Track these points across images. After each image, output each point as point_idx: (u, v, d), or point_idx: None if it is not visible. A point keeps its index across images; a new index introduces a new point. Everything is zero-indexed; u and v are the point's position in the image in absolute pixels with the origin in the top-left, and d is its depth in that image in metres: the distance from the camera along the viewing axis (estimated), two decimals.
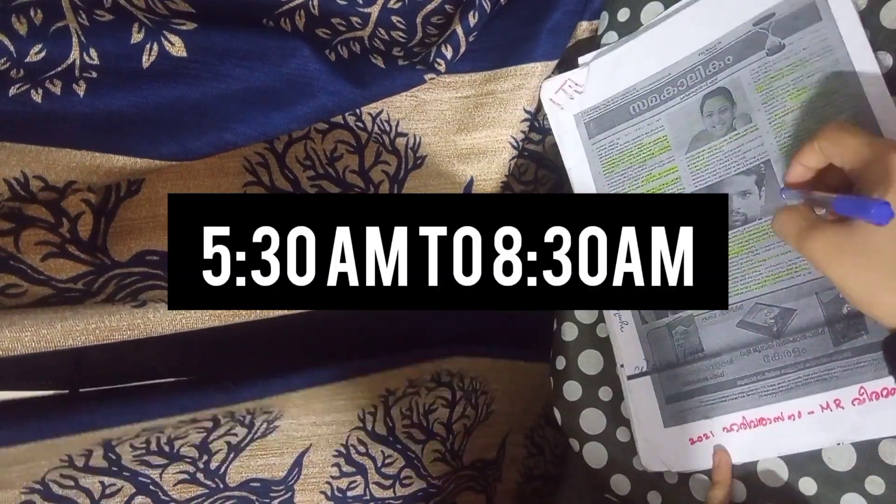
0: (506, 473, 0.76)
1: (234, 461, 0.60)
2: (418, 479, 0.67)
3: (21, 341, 0.45)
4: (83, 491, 0.55)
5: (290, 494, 0.62)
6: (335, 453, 0.63)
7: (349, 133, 0.63)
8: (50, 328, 0.46)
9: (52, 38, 0.49)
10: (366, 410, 0.65)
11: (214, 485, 0.59)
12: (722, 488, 0.53)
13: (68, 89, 0.49)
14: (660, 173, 0.57)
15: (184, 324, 0.50)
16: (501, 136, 0.65)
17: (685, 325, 0.56)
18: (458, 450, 0.70)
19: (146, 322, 0.49)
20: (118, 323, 0.48)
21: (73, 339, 0.47)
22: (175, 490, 0.58)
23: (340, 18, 0.60)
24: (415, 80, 0.60)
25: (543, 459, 0.81)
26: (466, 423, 0.71)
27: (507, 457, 0.75)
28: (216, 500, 0.59)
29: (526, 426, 0.78)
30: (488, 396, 0.73)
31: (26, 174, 0.48)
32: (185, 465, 0.58)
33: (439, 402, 0.69)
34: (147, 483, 0.57)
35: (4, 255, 0.49)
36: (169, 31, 0.52)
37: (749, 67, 0.52)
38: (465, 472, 0.72)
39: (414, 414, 0.67)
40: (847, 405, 0.49)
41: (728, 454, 0.54)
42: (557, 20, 0.62)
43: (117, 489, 0.56)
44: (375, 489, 0.65)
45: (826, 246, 0.42)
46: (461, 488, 0.72)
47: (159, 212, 0.56)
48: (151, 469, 0.57)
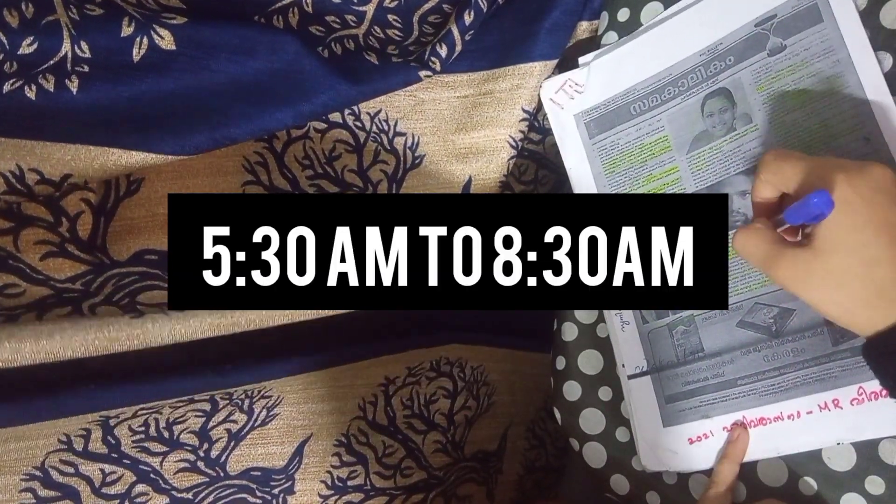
0: (507, 465, 0.76)
1: (235, 449, 0.60)
2: (419, 470, 0.67)
3: (21, 352, 0.45)
4: (83, 478, 0.55)
5: (291, 483, 0.62)
6: (336, 443, 0.63)
7: (348, 132, 0.63)
8: (49, 340, 0.46)
9: (43, 31, 0.49)
10: (366, 400, 0.64)
11: (215, 473, 0.59)
12: (731, 464, 0.53)
13: (61, 84, 0.50)
14: (661, 173, 0.57)
15: (183, 334, 0.50)
16: (500, 136, 0.65)
17: (685, 325, 0.56)
18: (459, 441, 0.70)
19: (145, 332, 0.49)
20: (117, 334, 0.48)
21: (72, 351, 0.47)
22: (175, 478, 0.58)
23: (335, 16, 0.60)
24: (411, 77, 0.60)
25: (545, 452, 0.81)
26: (468, 415, 0.71)
27: (508, 449, 0.75)
28: (216, 488, 0.59)
29: (527, 418, 0.78)
30: (490, 388, 0.73)
31: (21, 167, 0.48)
32: (185, 452, 0.58)
33: (440, 393, 0.69)
34: (148, 471, 0.57)
35: (3, 254, 0.49)
36: (158, 25, 0.52)
37: (750, 68, 0.53)
38: (466, 464, 0.72)
39: (415, 404, 0.67)
40: (845, 405, 0.49)
41: (748, 433, 0.53)
42: (556, 19, 0.62)
43: (118, 477, 0.56)
44: (376, 479, 0.65)
45: (794, 272, 0.42)
46: (462, 480, 0.72)
47: (159, 211, 0.56)
48: (152, 457, 0.57)
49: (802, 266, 0.42)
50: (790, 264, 0.42)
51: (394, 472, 0.66)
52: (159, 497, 0.57)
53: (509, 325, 0.75)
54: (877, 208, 0.40)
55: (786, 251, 0.43)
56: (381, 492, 0.65)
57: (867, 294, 0.41)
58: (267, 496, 0.61)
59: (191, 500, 0.59)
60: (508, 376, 0.74)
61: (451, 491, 0.70)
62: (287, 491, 0.62)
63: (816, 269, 0.41)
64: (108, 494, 0.56)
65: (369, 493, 0.65)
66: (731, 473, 0.53)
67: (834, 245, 0.41)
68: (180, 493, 0.58)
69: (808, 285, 0.42)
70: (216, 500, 0.59)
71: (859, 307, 0.41)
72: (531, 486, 0.80)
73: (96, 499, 0.56)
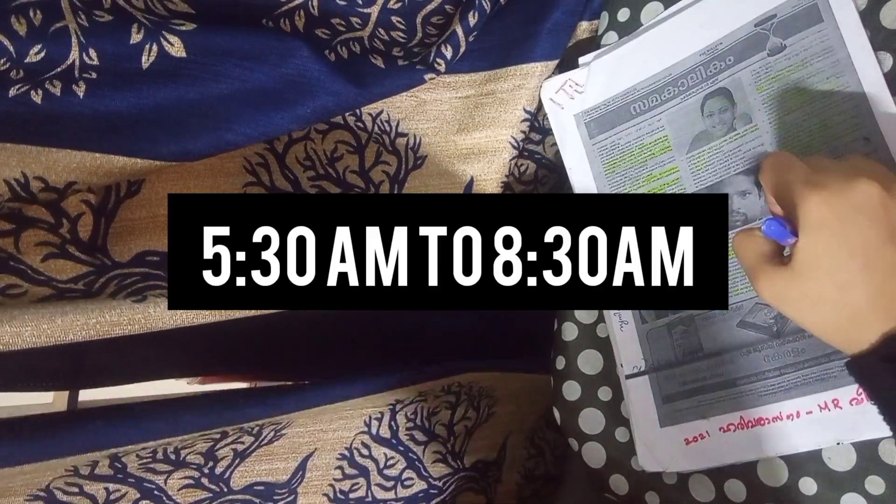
0: (506, 474, 0.76)
1: (239, 466, 0.60)
2: (419, 481, 0.67)
3: (21, 336, 0.45)
4: (87, 496, 0.55)
5: (294, 497, 0.62)
6: (339, 456, 0.63)
7: (349, 133, 0.63)
8: (50, 323, 0.45)
9: (52, 38, 0.49)
10: (372, 416, 0.65)
11: (218, 489, 0.59)
12: None
13: (68, 90, 0.49)
14: (661, 173, 0.57)
15: (184, 319, 0.50)
16: (501, 136, 0.65)
17: (685, 325, 0.56)
18: (459, 451, 0.70)
19: (147, 317, 0.49)
20: (118, 318, 0.48)
21: (73, 334, 0.46)
22: (179, 494, 0.58)
23: (340, 19, 0.60)
24: (415, 80, 0.60)
25: (544, 460, 0.81)
26: (468, 425, 0.71)
27: (507, 458, 0.75)
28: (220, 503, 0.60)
29: (526, 428, 0.78)
30: (491, 399, 0.73)
31: (27, 175, 0.48)
32: (190, 470, 0.58)
33: (442, 405, 0.69)
34: (152, 488, 0.57)
35: (5, 255, 0.49)
36: (168, 32, 0.51)
37: (750, 68, 0.52)
38: (465, 473, 0.72)
39: (418, 417, 0.67)
40: (845, 405, 0.49)
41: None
42: (557, 20, 0.62)
43: (122, 494, 0.56)
44: (377, 490, 0.65)
45: (773, 290, 0.43)
46: (462, 489, 0.72)
47: (159, 212, 0.56)
48: (157, 475, 0.57)
49: (781, 284, 0.42)
50: (770, 282, 0.43)
51: (395, 483, 0.66)
52: None
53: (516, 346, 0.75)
54: (853, 229, 0.39)
55: (768, 267, 0.43)
56: (382, 503, 0.66)
57: (841, 318, 0.41)
58: None
59: None
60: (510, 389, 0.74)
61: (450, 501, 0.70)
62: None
63: (793, 289, 0.42)
64: None
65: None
66: None
67: (809, 267, 0.41)
68: None
69: (785, 304, 0.43)
70: None
71: (834, 330, 0.42)
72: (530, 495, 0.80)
73: None
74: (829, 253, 0.40)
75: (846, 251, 0.40)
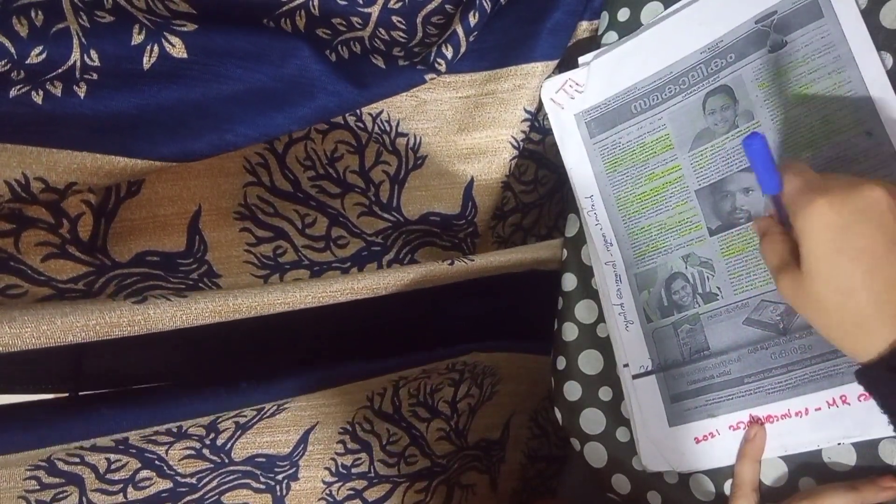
0: (510, 454, 0.76)
1: (241, 438, 0.60)
2: (423, 458, 0.68)
3: (21, 337, 0.44)
4: (88, 466, 0.55)
5: (295, 470, 0.62)
6: (341, 430, 0.63)
7: (349, 133, 0.63)
8: (50, 324, 0.45)
9: (53, 39, 0.49)
10: (375, 391, 0.65)
11: (219, 460, 0.59)
12: (751, 463, 0.52)
13: (69, 91, 0.49)
14: (662, 172, 0.57)
15: (184, 320, 0.50)
16: (502, 136, 0.65)
17: (691, 324, 0.56)
18: (462, 429, 0.71)
19: (146, 318, 0.48)
20: (118, 319, 0.47)
21: (73, 335, 0.46)
22: (180, 465, 0.58)
23: (341, 18, 0.60)
24: (415, 80, 0.60)
25: (547, 441, 0.81)
26: (471, 403, 0.71)
27: (511, 437, 0.76)
28: (220, 474, 0.60)
29: (530, 408, 0.78)
30: (494, 378, 0.73)
31: (27, 175, 0.47)
32: (191, 441, 0.58)
33: (445, 382, 0.69)
34: (153, 458, 0.57)
35: (5, 255, 0.49)
36: (169, 33, 0.51)
37: (751, 65, 0.53)
38: (469, 452, 0.72)
39: (420, 393, 0.67)
40: (853, 401, 0.49)
41: (765, 430, 0.52)
42: (558, 20, 0.62)
43: (122, 464, 0.56)
44: (380, 466, 0.65)
45: (788, 290, 0.43)
46: (466, 468, 0.72)
47: (159, 212, 0.56)
48: (158, 446, 0.57)
49: (795, 286, 0.42)
50: (786, 283, 0.43)
51: (398, 459, 0.66)
52: (163, 482, 0.58)
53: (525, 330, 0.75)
54: (856, 234, 0.39)
55: (787, 269, 0.43)
56: (384, 479, 0.66)
57: (845, 324, 0.41)
58: (271, 482, 0.62)
59: (194, 484, 0.59)
60: (514, 370, 0.74)
61: (454, 479, 0.70)
62: (291, 477, 0.62)
63: (804, 291, 0.41)
64: (112, 480, 0.56)
65: (373, 481, 0.65)
66: (753, 472, 0.52)
67: (815, 271, 0.41)
68: (184, 479, 0.58)
69: (800, 305, 0.43)
70: (219, 486, 0.60)
71: (842, 336, 0.42)
72: (533, 475, 0.80)
73: (100, 484, 0.56)
74: (830, 256, 0.40)
75: (848, 256, 0.39)
